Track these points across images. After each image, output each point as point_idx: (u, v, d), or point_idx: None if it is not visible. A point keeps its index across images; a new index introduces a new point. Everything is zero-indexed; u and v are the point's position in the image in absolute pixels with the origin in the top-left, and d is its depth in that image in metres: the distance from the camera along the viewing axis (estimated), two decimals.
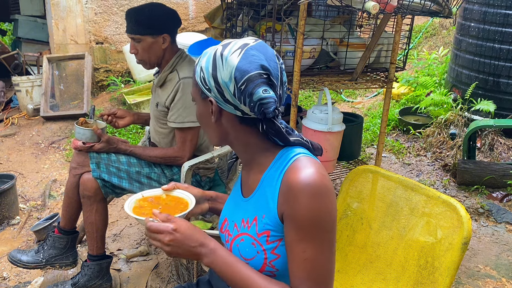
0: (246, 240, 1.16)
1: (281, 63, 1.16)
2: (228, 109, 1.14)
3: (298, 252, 1.07)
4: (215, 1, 5.89)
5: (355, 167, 2.19)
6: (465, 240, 1.40)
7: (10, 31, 6.95)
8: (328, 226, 1.07)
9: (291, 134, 1.18)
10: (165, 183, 2.30)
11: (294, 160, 1.11)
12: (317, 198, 1.05)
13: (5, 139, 4.55)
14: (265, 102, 1.10)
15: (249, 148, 1.20)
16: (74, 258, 2.37)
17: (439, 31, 6.17)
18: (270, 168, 1.17)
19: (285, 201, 1.09)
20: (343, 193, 1.83)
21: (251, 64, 1.10)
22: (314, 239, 1.06)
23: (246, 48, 1.12)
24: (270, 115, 1.12)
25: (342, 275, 1.77)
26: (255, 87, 1.09)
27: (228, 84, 1.10)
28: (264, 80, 1.10)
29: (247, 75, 1.09)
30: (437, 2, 1.83)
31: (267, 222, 1.13)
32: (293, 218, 1.07)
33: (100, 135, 2.20)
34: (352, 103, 5.30)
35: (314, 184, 1.06)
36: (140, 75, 5.40)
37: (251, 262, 1.15)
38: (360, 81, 2.29)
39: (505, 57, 3.82)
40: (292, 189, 1.07)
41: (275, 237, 1.13)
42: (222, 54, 1.12)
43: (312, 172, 1.07)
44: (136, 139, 4.42)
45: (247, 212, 1.20)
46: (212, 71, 1.12)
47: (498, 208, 3.11)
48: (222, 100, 1.13)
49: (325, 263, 1.08)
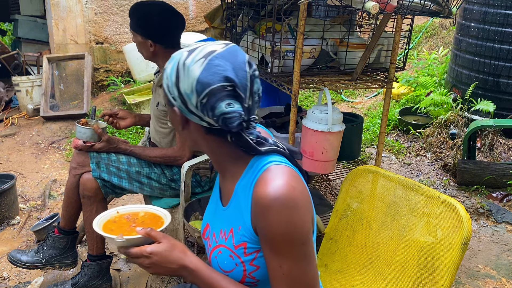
0: (224, 252, 1.14)
1: (253, 70, 1.09)
2: (194, 120, 1.08)
3: (275, 267, 1.05)
4: (215, 1, 5.89)
5: (355, 167, 2.19)
6: (465, 240, 1.40)
7: (10, 31, 6.95)
8: (301, 239, 1.04)
9: (264, 143, 1.11)
10: (165, 183, 2.30)
11: (264, 171, 1.06)
12: (286, 213, 1.01)
13: (5, 139, 4.55)
14: (229, 117, 1.03)
15: (220, 157, 1.16)
16: (74, 258, 2.37)
17: (439, 31, 6.17)
18: (242, 178, 1.12)
19: (255, 216, 1.06)
20: (343, 193, 1.83)
21: (214, 75, 1.02)
22: (289, 253, 1.03)
23: (211, 57, 1.04)
24: (234, 129, 1.05)
25: (342, 275, 1.77)
26: (217, 101, 1.02)
27: (190, 96, 1.04)
28: (228, 93, 1.03)
29: (209, 89, 1.02)
30: (437, 2, 1.83)
31: (243, 234, 1.10)
32: (265, 233, 1.04)
33: (101, 134, 2.20)
34: (352, 103, 5.30)
35: (282, 198, 1.01)
36: (140, 75, 5.40)
37: (231, 274, 1.13)
38: (360, 81, 2.29)
39: (505, 57, 3.82)
40: (260, 205, 1.03)
41: (252, 249, 1.10)
42: (184, 63, 1.05)
43: (279, 185, 1.02)
44: (136, 139, 4.42)
45: (225, 222, 1.17)
46: (175, 80, 1.06)
47: (498, 208, 3.11)
48: (186, 111, 1.07)
49: (304, 275, 1.05)
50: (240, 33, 2.52)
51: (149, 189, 2.28)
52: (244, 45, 2.47)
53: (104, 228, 1.20)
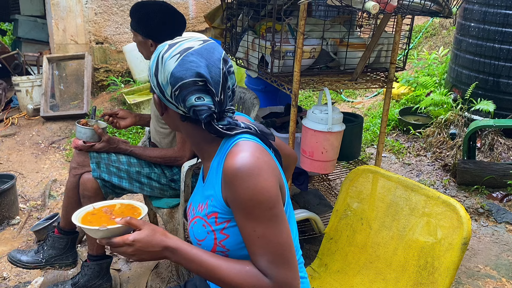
0: (198, 222, 1.24)
1: (229, 66, 1.19)
2: (171, 107, 1.20)
3: (249, 232, 1.12)
4: (215, 1, 5.89)
5: (355, 167, 2.19)
6: (464, 240, 1.40)
7: (10, 31, 6.95)
8: (269, 203, 1.10)
9: (235, 128, 1.20)
10: (165, 183, 2.30)
11: (233, 146, 1.16)
12: (251, 179, 1.09)
13: (5, 139, 4.55)
14: (198, 109, 1.15)
15: (196, 140, 1.27)
16: (74, 258, 2.37)
17: (439, 31, 6.16)
18: (216, 156, 1.23)
19: (225, 187, 1.15)
20: (343, 193, 1.84)
21: (187, 71, 1.13)
22: (259, 217, 1.10)
23: (186, 53, 1.14)
24: (204, 120, 1.16)
25: (342, 275, 1.77)
26: (187, 94, 1.14)
27: (166, 87, 1.16)
28: (198, 88, 1.14)
29: (180, 82, 1.13)
30: (437, 2, 1.83)
31: (214, 204, 1.20)
32: (234, 201, 1.12)
33: (101, 134, 2.20)
34: (352, 103, 5.30)
35: (245, 166, 1.09)
36: (140, 75, 5.40)
37: (203, 243, 1.22)
38: (360, 81, 2.29)
39: (505, 57, 3.82)
40: (227, 175, 1.11)
41: (222, 219, 1.19)
42: (163, 57, 1.16)
43: (244, 156, 1.11)
44: (136, 139, 4.42)
45: (202, 196, 1.27)
46: (154, 71, 1.18)
47: (498, 208, 3.11)
48: (164, 99, 1.19)
49: (277, 236, 1.12)
50: (240, 33, 2.52)
51: (149, 189, 2.29)
52: (244, 45, 2.47)
53: (82, 221, 1.23)
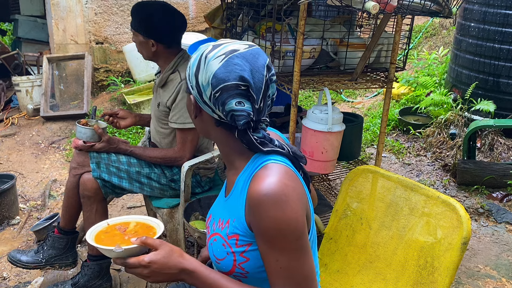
0: (218, 240, 1.19)
1: (271, 74, 1.14)
2: (207, 110, 1.15)
3: (271, 262, 1.07)
4: (215, 1, 5.89)
5: (355, 167, 2.19)
6: (464, 240, 1.40)
7: (10, 31, 6.95)
8: (295, 234, 1.06)
9: (267, 144, 1.14)
10: (165, 183, 2.30)
11: (261, 167, 1.10)
12: (277, 208, 1.03)
13: (5, 139, 4.54)
14: (237, 114, 1.09)
15: (227, 149, 1.20)
16: (74, 258, 2.37)
17: (439, 31, 6.16)
18: (243, 172, 1.16)
19: (249, 212, 1.09)
20: (342, 193, 1.83)
21: (230, 73, 1.08)
22: (283, 248, 1.05)
23: (231, 55, 1.09)
24: (240, 127, 1.10)
25: (342, 275, 1.77)
26: (228, 98, 1.08)
27: (206, 88, 1.10)
28: (240, 92, 1.08)
29: (223, 84, 1.08)
30: (437, 2, 1.83)
31: (236, 226, 1.14)
32: (258, 229, 1.07)
33: (101, 134, 2.20)
34: (352, 103, 5.30)
35: (272, 194, 1.04)
36: (140, 75, 5.40)
37: (222, 262, 1.17)
38: (360, 81, 2.29)
39: (505, 57, 3.82)
40: (252, 200, 1.06)
41: (243, 241, 1.13)
42: (206, 56, 1.11)
43: (272, 182, 1.05)
44: (136, 139, 4.42)
45: (224, 212, 1.21)
46: (195, 71, 1.12)
47: (498, 208, 3.11)
48: (201, 101, 1.14)
49: (301, 269, 1.07)
50: (240, 33, 2.52)
51: (149, 189, 2.28)
52: None
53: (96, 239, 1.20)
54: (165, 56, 2.26)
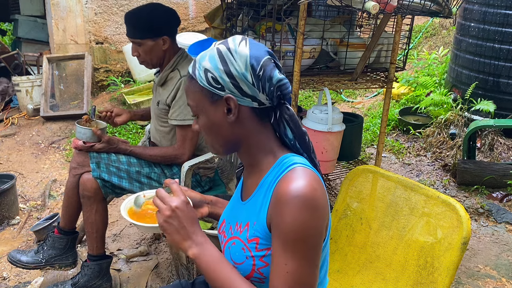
0: (237, 244, 1.16)
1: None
2: (246, 103, 1.12)
3: (280, 264, 1.05)
4: (215, 1, 5.89)
5: (355, 167, 2.20)
6: (464, 240, 1.40)
7: (10, 31, 6.95)
8: (313, 242, 1.04)
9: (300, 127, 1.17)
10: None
11: (289, 170, 1.09)
12: (305, 211, 1.02)
13: (5, 139, 4.54)
14: (283, 83, 1.12)
15: (254, 149, 1.17)
16: (74, 258, 2.37)
17: (439, 31, 6.16)
18: (268, 174, 1.14)
19: (273, 210, 1.07)
20: (343, 193, 1.83)
21: (260, 50, 1.12)
22: (297, 253, 1.03)
23: (247, 38, 1.14)
24: (288, 96, 1.14)
25: (342, 275, 1.77)
26: (271, 70, 1.11)
27: (245, 75, 1.10)
28: (274, 64, 1.13)
29: (262, 60, 1.10)
30: (437, 2, 1.83)
31: (257, 229, 1.12)
32: (279, 228, 1.05)
33: (100, 135, 2.20)
34: (352, 103, 5.30)
35: (303, 196, 1.02)
36: (140, 75, 5.40)
37: (240, 267, 1.14)
38: (360, 81, 2.29)
39: (505, 57, 3.82)
40: (281, 199, 1.04)
41: (264, 245, 1.11)
42: (229, 49, 1.11)
43: (303, 184, 1.03)
44: (136, 139, 4.42)
45: (242, 216, 1.19)
46: (223, 68, 1.10)
47: (498, 208, 3.11)
48: (239, 94, 1.11)
49: (306, 278, 1.05)
50: (240, 33, 2.52)
51: (149, 189, 2.28)
52: None
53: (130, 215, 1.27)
54: (171, 52, 2.25)
